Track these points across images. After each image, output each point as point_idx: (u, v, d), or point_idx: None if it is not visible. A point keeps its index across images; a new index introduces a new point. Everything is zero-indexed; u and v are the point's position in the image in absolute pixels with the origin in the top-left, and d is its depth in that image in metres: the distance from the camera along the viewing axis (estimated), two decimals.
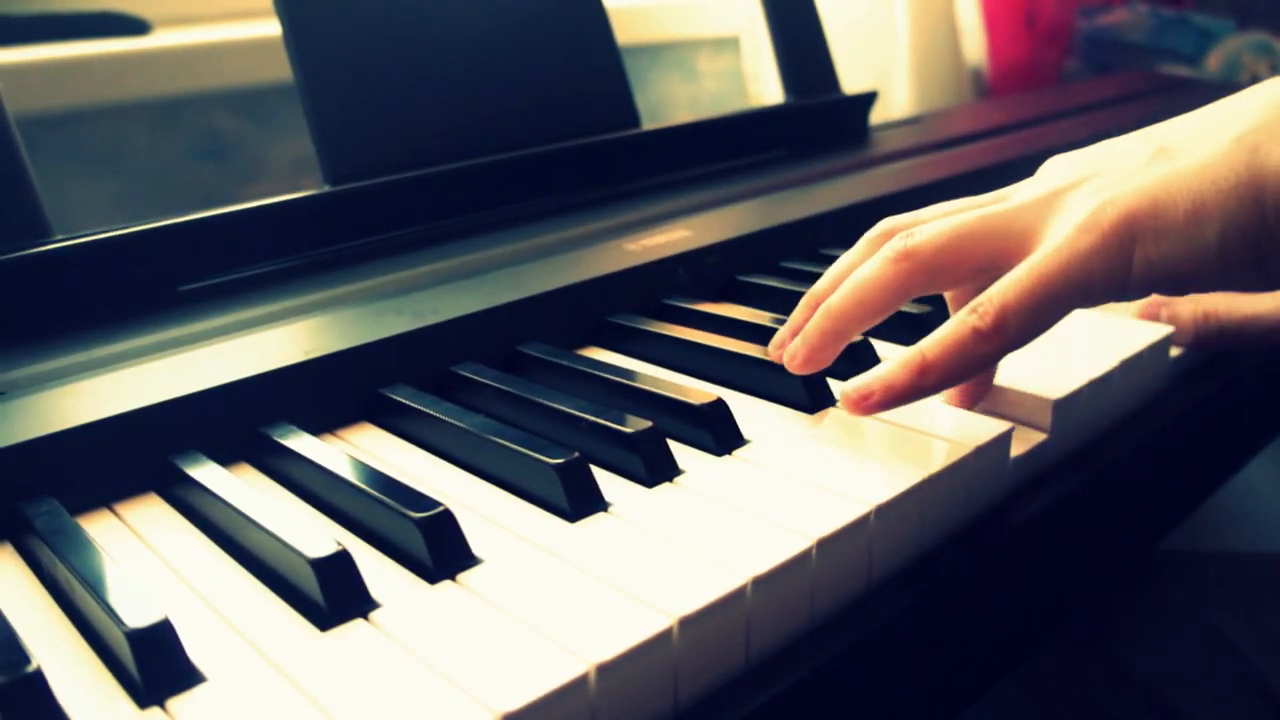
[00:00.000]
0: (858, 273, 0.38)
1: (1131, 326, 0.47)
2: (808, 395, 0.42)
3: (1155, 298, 0.48)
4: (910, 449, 0.38)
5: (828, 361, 0.39)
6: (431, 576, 0.32)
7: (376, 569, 0.32)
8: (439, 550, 0.32)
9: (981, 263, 0.36)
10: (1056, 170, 0.37)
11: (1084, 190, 0.35)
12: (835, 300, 0.38)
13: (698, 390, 0.41)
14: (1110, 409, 0.44)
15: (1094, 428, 0.44)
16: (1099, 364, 0.43)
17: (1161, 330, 0.46)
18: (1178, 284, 0.33)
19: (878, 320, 0.38)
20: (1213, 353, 0.49)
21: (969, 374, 0.35)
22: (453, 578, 0.31)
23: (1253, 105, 0.33)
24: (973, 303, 0.34)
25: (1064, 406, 0.41)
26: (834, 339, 0.39)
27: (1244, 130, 0.32)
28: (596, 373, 0.44)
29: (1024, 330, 0.34)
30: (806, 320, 0.40)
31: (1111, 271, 0.33)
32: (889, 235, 0.39)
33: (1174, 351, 0.48)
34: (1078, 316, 0.47)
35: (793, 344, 0.39)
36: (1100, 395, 0.43)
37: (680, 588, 0.30)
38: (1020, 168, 0.76)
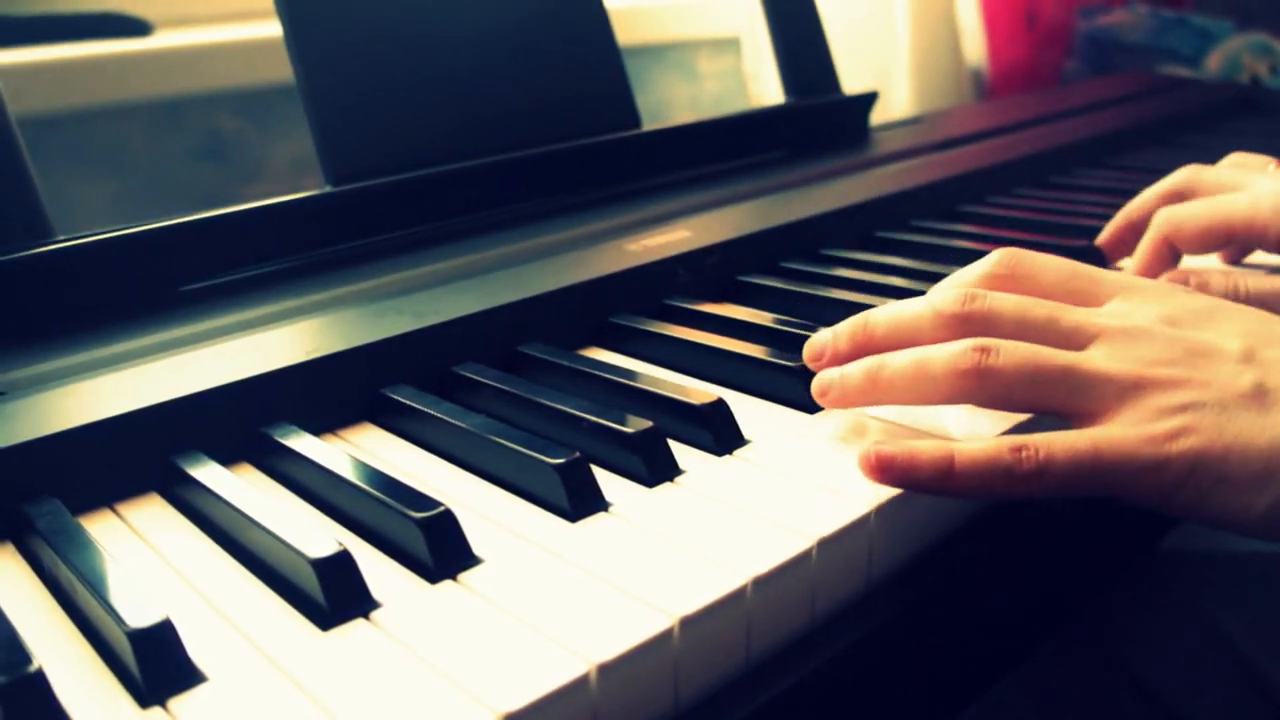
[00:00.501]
0: (924, 358, 0.36)
1: None
2: (809, 396, 0.42)
3: (1185, 267, 0.53)
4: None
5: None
6: (432, 576, 0.32)
7: (377, 569, 0.33)
8: (440, 550, 0.32)
9: (1041, 408, 0.36)
10: (1162, 338, 0.36)
11: (1173, 399, 0.34)
12: (891, 373, 0.37)
13: (698, 390, 0.41)
14: None
15: None
16: None
17: None
18: (1207, 524, 0.34)
19: (919, 405, 0.38)
20: None
21: (980, 496, 0.35)
22: (454, 577, 0.31)
23: None
24: (1022, 440, 0.34)
25: None
26: (867, 403, 0.38)
27: None
28: (597, 373, 0.44)
29: (1051, 491, 0.34)
30: (849, 349, 0.39)
31: (1158, 490, 0.33)
32: (970, 319, 0.37)
33: None
34: None
35: (833, 382, 0.38)
36: None
37: (681, 588, 0.30)
38: (1020, 168, 0.76)
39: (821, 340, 0.40)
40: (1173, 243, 0.53)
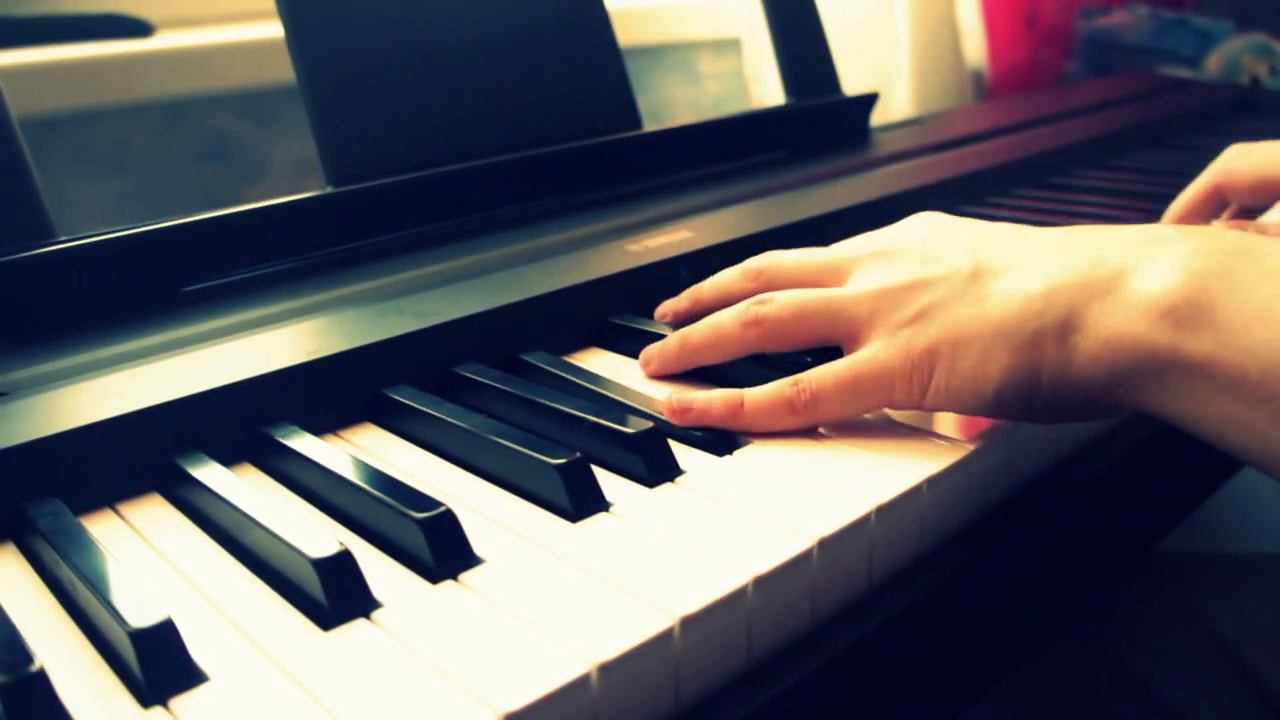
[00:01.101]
0: (716, 320, 0.43)
1: None
2: None
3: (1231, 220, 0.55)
4: (912, 449, 0.38)
5: (668, 377, 0.46)
6: (434, 576, 0.32)
7: (379, 569, 0.33)
8: (441, 550, 0.32)
9: (816, 339, 0.41)
10: (905, 254, 0.40)
11: (912, 306, 0.38)
12: (692, 338, 0.44)
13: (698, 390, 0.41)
14: None
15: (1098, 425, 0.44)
16: None
17: None
18: (959, 410, 0.37)
19: (724, 361, 0.44)
20: None
21: (774, 430, 0.39)
22: (455, 577, 0.32)
23: (1075, 259, 0.35)
24: (797, 377, 0.39)
25: None
26: (682, 366, 0.45)
27: (1050, 287, 0.35)
28: (596, 388, 0.44)
29: (829, 416, 0.39)
30: (687, 308, 0.47)
31: (910, 390, 0.37)
32: (761, 274, 0.44)
33: None
34: None
35: (651, 355, 0.45)
36: None
37: (682, 587, 0.30)
38: (1020, 169, 0.76)
39: (667, 304, 0.49)
40: (1223, 190, 0.55)
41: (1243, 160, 0.55)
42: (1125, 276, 0.34)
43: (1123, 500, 0.46)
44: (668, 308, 0.49)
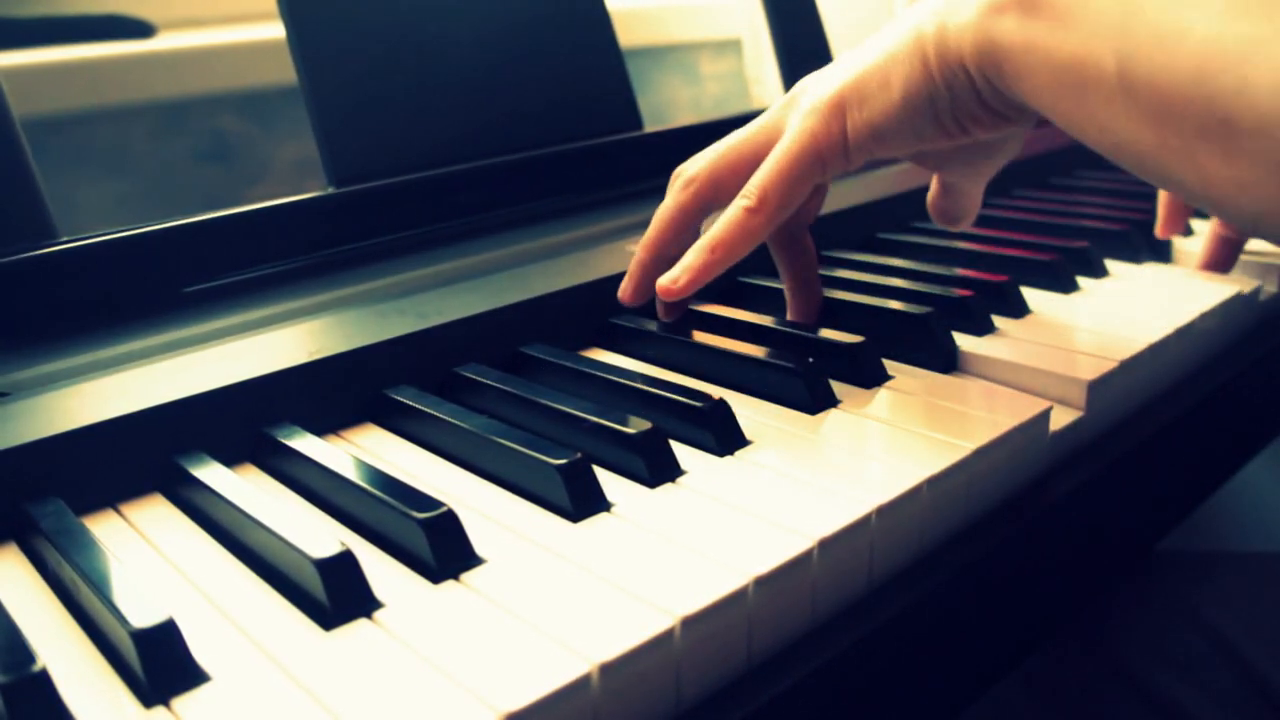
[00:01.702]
0: (658, 210, 0.46)
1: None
2: (810, 395, 0.42)
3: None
4: (913, 449, 0.38)
5: (646, 292, 0.48)
6: (435, 576, 0.32)
7: (380, 569, 0.33)
8: (442, 550, 0.32)
9: (751, 167, 0.44)
10: (797, 86, 0.45)
11: (809, 88, 0.43)
12: (646, 235, 0.47)
13: (700, 391, 0.41)
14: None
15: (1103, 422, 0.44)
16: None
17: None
18: (883, 141, 0.41)
19: (683, 241, 0.46)
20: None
21: (748, 247, 0.43)
22: (456, 577, 0.32)
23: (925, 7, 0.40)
24: (743, 190, 0.43)
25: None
26: (651, 266, 0.47)
27: (917, 19, 0.39)
28: (599, 374, 0.44)
29: (782, 202, 0.42)
30: (648, 258, 0.47)
31: (832, 138, 0.41)
32: (694, 180, 0.46)
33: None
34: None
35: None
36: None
37: (682, 587, 0.30)
38: (1019, 169, 0.76)
39: (624, 284, 0.49)
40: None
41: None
42: None
43: (1123, 499, 0.46)
44: (627, 286, 0.48)
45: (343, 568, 0.30)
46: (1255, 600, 0.53)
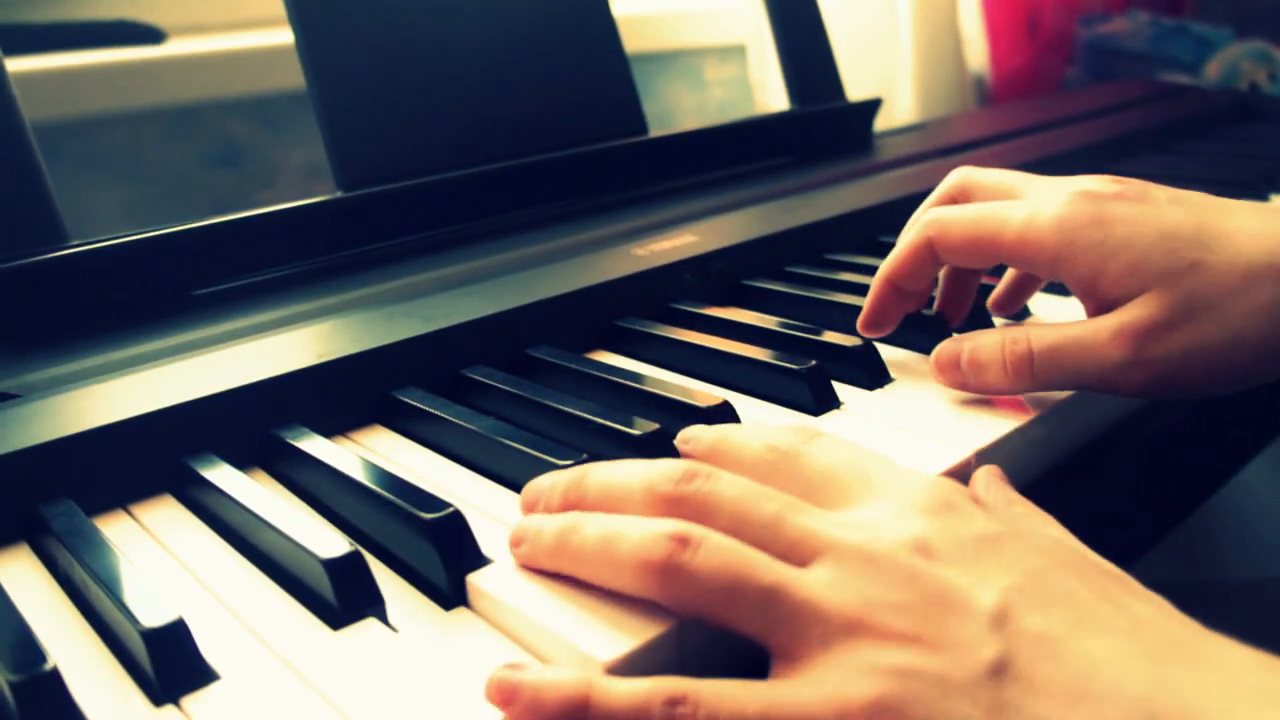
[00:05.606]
0: (616, 532, 0.29)
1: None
2: (813, 398, 0.42)
3: (956, 336, 0.43)
4: (915, 452, 0.38)
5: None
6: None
7: (387, 570, 0.33)
8: (449, 551, 0.32)
9: (742, 635, 0.28)
10: (896, 567, 0.28)
11: (889, 658, 0.26)
12: (579, 541, 0.30)
13: (704, 393, 0.41)
14: None
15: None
16: None
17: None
18: None
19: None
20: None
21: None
22: (463, 577, 0.32)
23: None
24: (681, 689, 0.25)
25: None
26: (559, 569, 0.31)
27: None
28: (604, 375, 0.44)
29: None
30: (560, 504, 0.33)
31: None
32: (695, 502, 0.30)
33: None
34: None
35: (527, 532, 0.32)
36: None
37: None
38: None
39: (539, 486, 0.34)
40: (936, 248, 0.43)
41: (952, 220, 0.43)
42: None
43: (1105, 518, 0.46)
44: (536, 494, 0.34)
45: (351, 567, 0.30)
46: (1232, 627, 0.53)
